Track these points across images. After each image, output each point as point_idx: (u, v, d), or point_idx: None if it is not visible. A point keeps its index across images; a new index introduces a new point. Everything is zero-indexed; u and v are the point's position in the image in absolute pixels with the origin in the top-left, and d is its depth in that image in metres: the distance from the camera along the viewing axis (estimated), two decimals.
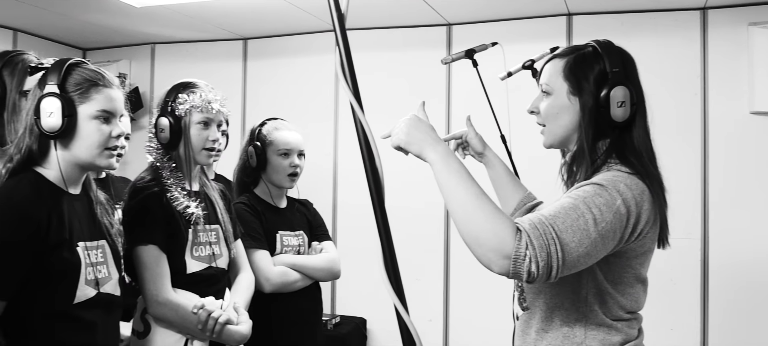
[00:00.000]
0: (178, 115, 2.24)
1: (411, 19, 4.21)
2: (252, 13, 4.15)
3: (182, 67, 4.88)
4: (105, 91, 1.81)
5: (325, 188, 4.47)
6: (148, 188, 2.18)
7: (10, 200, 1.72)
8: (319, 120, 4.47)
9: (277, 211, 2.75)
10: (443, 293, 4.20)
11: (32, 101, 1.79)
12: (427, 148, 1.55)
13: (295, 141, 2.71)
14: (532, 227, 1.36)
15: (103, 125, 1.80)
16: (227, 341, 2.20)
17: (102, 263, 1.85)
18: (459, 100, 4.23)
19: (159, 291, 2.11)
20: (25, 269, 1.68)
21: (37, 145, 1.79)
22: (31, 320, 1.71)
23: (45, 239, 1.70)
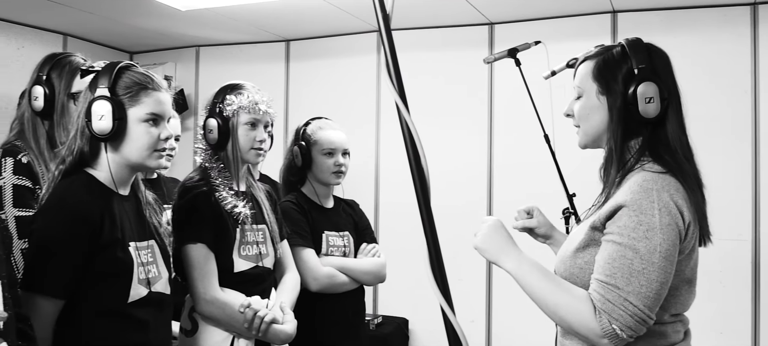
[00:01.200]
0: (225, 116, 2.27)
1: (452, 18, 4.20)
2: (294, 15, 4.18)
3: (226, 69, 4.94)
4: (154, 94, 1.85)
5: (367, 189, 4.48)
6: (197, 187, 2.22)
7: (63, 200, 1.77)
8: (361, 120, 4.49)
9: (324, 211, 2.77)
10: (486, 293, 4.17)
11: (83, 104, 1.83)
12: (502, 257, 1.69)
13: (339, 140, 2.73)
14: (603, 301, 1.48)
15: (151, 128, 1.84)
16: (272, 340, 2.22)
17: (152, 262, 1.89)
18: (501, 100, 4.20)
19: (207, 289, 2.14)
20: (80, 269, 1.72)
21: (88, 147, 1.83)
22: (86, 320, 1.76)
23: (98, 239, 1.75)
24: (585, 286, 1.55)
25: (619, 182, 1.60)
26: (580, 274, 1.58)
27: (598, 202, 1.68)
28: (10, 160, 2.19)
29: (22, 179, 2.19)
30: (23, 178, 2.19)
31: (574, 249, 1.62)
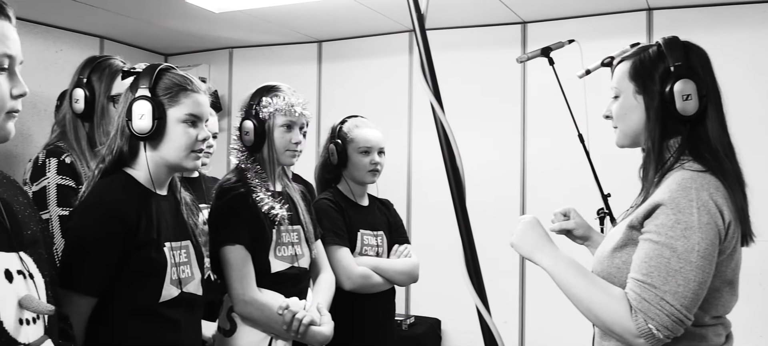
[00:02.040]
0: (262, 118, 2.29)
1: (484, 18, 4.18)
2: (326, 16, 4.20)
3: (259, 70, 4.98)
4: (193, 95, 1.88)
5: (400, 188, 4.48)
6: (234, 188, 2.24)
7: (102, 199, 1.81)
8: (393, 121, 4.48)
9: (360, 209, 2.78)
10: (519, 294, 4.14)
11: (124, 104, 1.86)
12: (538, 254, 1.68)
13: (375, 138, 2.73)
14: (639, 300, 1.45)
15: (190, 128, 1.87)
16: (310, 341, 2.23)
17: (186, 263, 1.91)
18: (534, 100, 4.16)
19: (245, 290, 2.16)
20: (115, 268, 1.75)
21: (127, 147, 1.86)
22: (118, 318, 1.78)
23: (134, 238, 1.77)
24: (622, 286, 1.53)
25: (659, 181, 1.58)
26: (618, 274, 1.57)
27: (636, 202, 1.67)
28: (54, 161, 2.24)
29: (65, 179, 2.23)
30: (67, 178, 2.23)
31: (611, 249, 1.60)
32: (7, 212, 1.34)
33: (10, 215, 1.34)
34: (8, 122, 1.32)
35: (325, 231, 2.58)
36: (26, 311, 1.29)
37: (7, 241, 1.30)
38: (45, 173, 2.22)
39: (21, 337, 1.27)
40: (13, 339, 1.25)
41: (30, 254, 1.36)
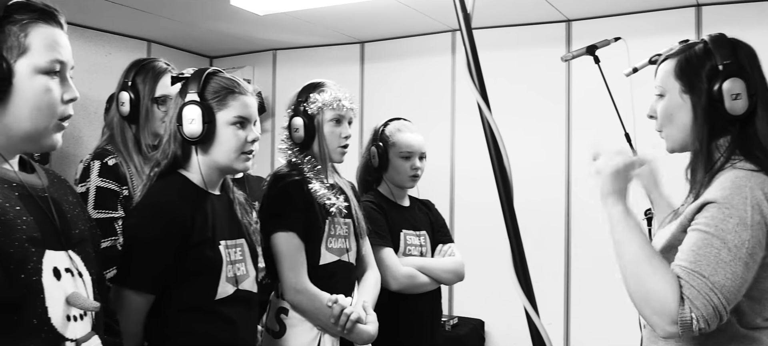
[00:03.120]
0: (310, 114, 2.31)
1: (528, 16, 4.14)
2: (369, 17, 4.21)
3: (302, 71, 5.01)
4: (241, 98, 1.91)
5: (443, 188, 4.47)
6: (289, 176, 2.26)
7: (157, 200, 1.85)
8: (436, 120, 4.48)
9: (401, 210, 2.78)
10: (564, 295, 4.10)
11: (175, 109, 1.90)
12: (612, 199, 1.57)
13: (417, 143, 2.73)
14: (688, 286, 1.39)
15: (239, 131, 1.90)
16: (356, 339, 2.24)
17: (241, 261, 1.94)
18: (579, 99, 4.11)
19: (297, 279, 2.17)
20: (171, 266, 1.79)
21: (180, 151, 1.91)
22: (175, 315, 1.82)
23: (189, 237, 1.81)
24: None
25: (709, 181, 1.54)
26: None
27: (685, 203, 1.63)
28: (98, 164, 2.29)
29: (106, 182, 2.28)
30: (108, 180, 2.28)
31: (659, 249, 1.57)
32: (57, 211, 1.38)
33: (60, 214, 1.38)
34: (57, 132, 1.36)
35: (369, 233, 2.58)
36: (73, 308, 1.33)
37: (57, 239, 1.34)
38: (89, 176, 2.28)
39: (68, 333, 1.31)
40: (60, 335, 1.29)
41: (78, 252, 1.40)
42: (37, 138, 1.34)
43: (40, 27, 1.31)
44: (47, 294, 1.27)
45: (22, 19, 1.29)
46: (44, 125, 1.32)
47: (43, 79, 1.31)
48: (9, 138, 1.31)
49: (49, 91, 1.31)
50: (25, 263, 1.24)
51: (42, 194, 1.38)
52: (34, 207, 1.32)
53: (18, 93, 1.28)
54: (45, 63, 1.30)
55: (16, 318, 1.22)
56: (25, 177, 1.36)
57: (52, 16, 1.34)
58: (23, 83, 1.29)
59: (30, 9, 1.31)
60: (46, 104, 1.31)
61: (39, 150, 1.38)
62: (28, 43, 1.29)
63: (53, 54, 1.31)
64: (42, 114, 1.31)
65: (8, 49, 1.27)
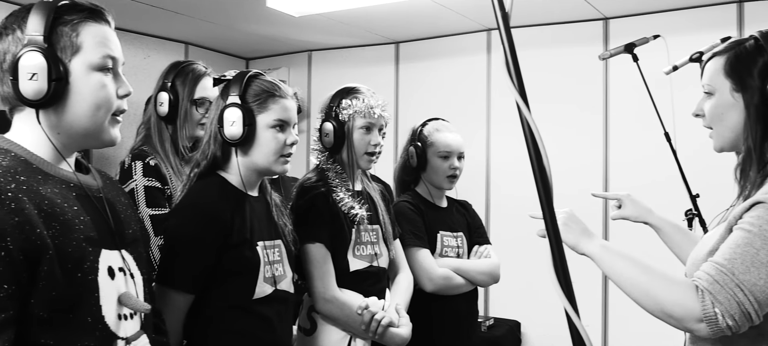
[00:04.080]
0: (341, 120, 2.31)
1: (564, 14, 4.10)
2: (404, 17, 4.21)
3: (337, 72, 5.04)
4: (281, 101, 1.93)
5: (479, 189, 4.45)
6: (315, 188, 2.27)
7: (197, 201, 1.88)
8: (471, 120, 4.46)
9: (439, 210, 2.77)
10: (602, 296, 4.05)
11: (216, 111, 1.92)
12: (583, 241, 1.67)
13: (455, 143, 2.72)
14: (711, 281, 1.37)
15: (278, 134, 1.92)
16: (388, 342, 2.24)
17: (278, 261, 1.96)
18: (617, 98, 4.06)
19: (326, 288, 2.19)
20: (211, 266, 1.81)
21: (220, 152, 1.93)
22: (214, 314, 1.84)
23: (229, 237, 1.83)
24: None
25: (761, 182, 1.50)
26: None
27: (733, 204, 1.59)
28: (140, 164, 2.33)
29: (151, 180, 2.31)
30: (152, 179, 2.32)
31: (707, 252, 1.53)
32: (112, 211, 1.41)
33: (114, 215, 1.42)
34: (114, 127, 1.40)
35: (405, 233, 2.58)
36: (125, 307, 1.35)
37: (111, 239, 1.38)
38: (132, 176, 2.31)
39: (120, 331, 1.34)
40: (113, 333, 1.32)
41: (131, 252, 1.44)
42: (96, 134, 1.37)
43: (90, 25, 1.34)
44: (102, 293, 1.30)
45: (73, 19, 1.33)
46: (102, 121, 1.36)
47: (97, 76, 1.34)
48: (69, 136, 1.35)
49: (104, 87, 1.35)
50: (83, 262, 1.27)
51: (97, 194, 1.41)
52: (91, 207, 1.36)
53: (75, 91, 1.32)
54: (98, 59, 1.34)
55: (71, 316, 1.25)
56: (82, 178, 1.40)
57: (101, 14, 1.38)
58: (79, 81, 1.32)
59: (79, 9, 1.35)
60: (102, 100, 1.35)
61: (99, 146, 1.41)
62: (80, 42, 1.32)
63: (105, 50, 1.35)
64: (99, 110, 1.35)
65: (62, 50, 1.31)
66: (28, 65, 1.27)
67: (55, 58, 1.29)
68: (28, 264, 1.18)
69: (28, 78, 1.27)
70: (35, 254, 1.19)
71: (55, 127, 1.33)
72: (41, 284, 1.20)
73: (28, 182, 1.25)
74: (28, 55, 1.27)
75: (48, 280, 1.20)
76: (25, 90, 1.27)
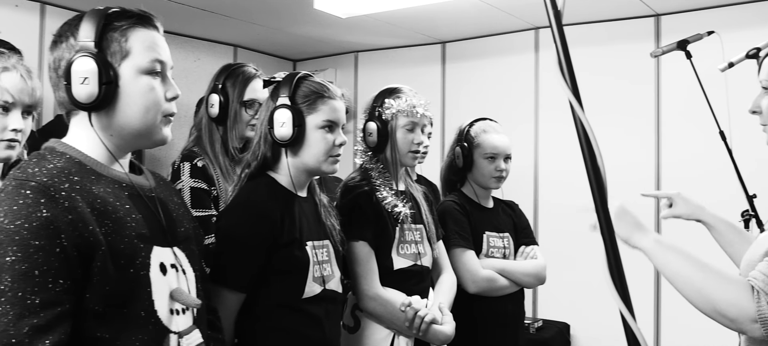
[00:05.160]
0: (384, 119, 2.32)
1: (615, 11, 4.03)
2: (450, 17, 4.20)
3: (383, 73, 5.04)
4: (330, 102, 1.94)
5: (526, 189, 4.41)
6: (358, 187, 2.28)
7: (248, 201, 1.91)
8: (519, 120, 4.42)
9: (485, 211, 2.75)
10: (654, 298, 3.96)
11: (266, 112, 1.95)
12: (635, 235, 1.60)
13: (502, 145, 2.70)
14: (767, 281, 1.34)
15: (327, 134, 1.93)
16: (432, 340, 2.24)
17: (326, 261, 1.97)
18: (670, 96, 3.97)
19: (370, 286, 2.20)
20: (261, 265, 1.84)
21: (270, 153, 1.95)
22: (264, 313, 1.87)
23: (279, 237, 1.85)
24: None
25: None
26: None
27: None
28: (188, 165, 2.36)
29: (198, 182, 2.35)
30: (199, 180, 2.35)
31: (763, 252, 1.49)
32: (164, 210, 1.46)
33: (166, 213, 1.46)
34: (165, 126, 1.43)
35: (451, 233, 2.57)
36: (177, 303, 1.39)
37: (163, 236, 1.42)
38: (180, 177, 2.35)
39: (172, 326, 1.38)
40: (165, 327, 1.36)
41: (183, 249, 1.48)
42: (148, 134, 1.41)
43: (139, 30, 1.39)
44: (154, 288, 1.34)
45: (122, 24, 1.37)
46: (152, 122, 1.40)
47: (146, 79, 1.38)
48: (122, 137, 1.39)
49: (153, 90, 1.39)
50: (134, 259, 1.31)
51: (149, 193, 1.45)
52: (143, 206, 1.40)
53: (125, 94, 1.36)
54: (146, 63, 1.38)
55: (125, 311, 1.29)
56: (135, 178, 1.44)
57: (149, 20, 1.42)
58: (129, 85, 1.36)
59: (127, 15, 1.39)
60: (151, 103, 1.38)
61: (151, 145, 1.45)
62: (129, 47, 1.36)
63: (153, 54, 1.39)
64: (148, 112, 1.39)
65: (112, 55, 1.35)
66: (80, 70, 1.31)
67: (106, 62, 1.34)
68: (82, 260, 1.23)
69: (81, 82, 1.31)
70: (89, 250, 1.24)
71: (107, 129, 1.38)
72: (95, 280, 1.25)
73: (82, 182, 1.30)
74: (80, 60, 1.32)
75: (101, 275, 1.25)
76: (77, 94, 1.32)
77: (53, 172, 1.27)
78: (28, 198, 1.20)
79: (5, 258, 1.16)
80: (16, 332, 1.14)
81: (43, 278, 1.18)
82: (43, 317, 1.16)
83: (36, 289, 1.17)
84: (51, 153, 1.34)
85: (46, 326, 1.17)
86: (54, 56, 1.37)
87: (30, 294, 1.16)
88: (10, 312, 1.15)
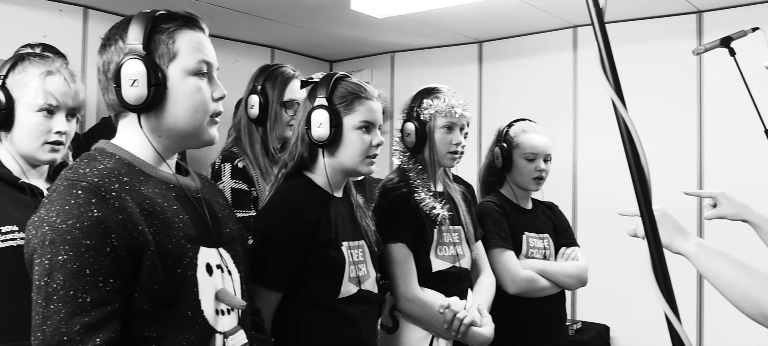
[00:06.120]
0: (422, 120, 2.32)
1: (655, 8, 3.96)
2: (487, 16, 4.17)
3: (420, 73, 5.03)
4: (367, 103, 1.95)
5: (565, 190, 4.36)
6: (397, 188, 2.28)
7: (286, 200, 1.92)
8: (557, 119, 4.37)
9: (524, 212, 2.73)
10: (696, 298, 3.89)
11: (303, 113, 1.96)
12: (677, 241, 1.57)
13: (542, 145, 2.67)
14: None
15: (364, 135, 1.94)
16: (471, 342, 2.23)
17: (362, 261, 1.98)
18: (712, 94, 3.89)
19: (408, 288, 2.19)
20: (297, 264, 1.84)
21: (307, 153, 1.96)
22: (300, 313, 1.88)
23: (315, 237, 1.86)
24: None
25: None
26: None
27: None
28: (229, 166, 2.38)
29: (239, 183, 2.37)
30: (240, 181, 2.37)
31: None
32: (209, 211, 1.48)
33: (211, 214, 1.48)
34: (212, 127, 1.45)
35: (490, 234, 2.56)
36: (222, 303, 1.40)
37: (209, 237, 1.43)
38: (220, 178, 2.37)
39: (218, 326, 1.39)
40: (211, 327, 1.37)
41: (228, 250, 1.49)
42: (195, 135, 1.43)
43: (185, 32, 1.41)
44: (201, 288, 1.36)
45: (169, 27, 1.39)
46: (200, 122, 1.42)
47: (193, 80, 1.40)
48: (170, 138, 1.42)
49: (200, 91, 1.41)
50: (182, 259, 1.34)
51: (196, 195, 1.48)
52: (189, 207, 1.42)
53: (173, 96, 1.38)
54: (193, 64, 1.40)
55: (172, 311, 1.31)
56: (181, 179, 1.47)
57: (195, 21, 1.44)
58: (176, 86, 1.38)
59: (174, 18, 1.41)
60: (198, 103, 1.40)
61: (198, 146, 1.47)
62: (176, 49, 1.38)
63: (200, 55, 1.41)
64: (196, 113, 1.41)
65: (160, 57, 1.37)
66: (130, 72, 1.33)
67: (154, 64, 1.36)
68: (131, 260, 1.25)
69: (130, 84, 1.33)
70: (138, 250, 1.26)
71: (155, 130, 1.40)
72: (144, 279, 1.27)
73: (131, 183, 1.32)
74: (129, 63, 1.34)
75: (150, 275, 1.27)
76: (127, 96, 1.34)
77: (104, 172, 1.30)
78: (80, 198, 1.23)
79: (58, 257, 1.19)
80: (68, 329, 1.17)
81: (94, 277, 1.20)
82: (94, 316, 1.19)
83: (87, 288, 1.20)
84: (101, 154, 1.37)
85: (97, 324, 1.19)
86: (103, 59, 1.40)
87: (81, 293, 1.19)
88: (62, 310, 1.18)
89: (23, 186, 1.84)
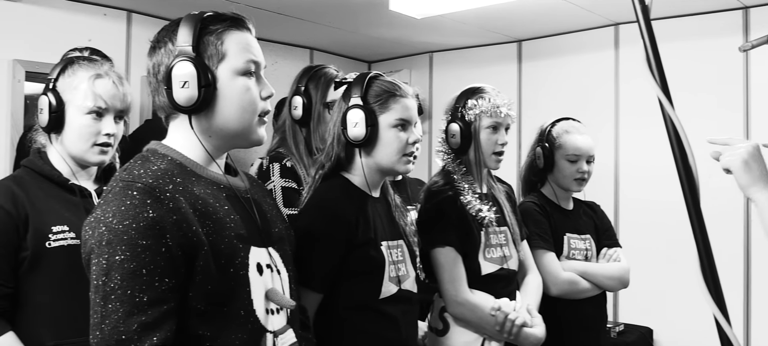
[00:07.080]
0: (467, 120, 2.29)
1: (701, 5, 3.88)
2: (527, 15, 4.13)
3: (458, 73, 5.01)
4: (402, 100, 1.94)
5: (607, 189, 4.29)
6: (442, 191, 2.26)
7: (324, 201, 1.92)
8: (598, 118, 4.30)
9: (564, 212, 2.70)
10: (743, 299, 3.79)
11: (338, 113, 1.96)
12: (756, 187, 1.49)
13: (585, 146, 2.63)
14: None
15: (400, 133, 1.93)
16: (523, 343, 2.21)
17: (401, 261, 1.97)
18: (759, 92, 3.79)
19: (457, 292, 2.18)
20: (337, 265, 1.85)
21: (344, 153, 1.96)
22: (341, 314, 1.87)
23: (354, 237, 1.86)
24: None
25: None
26: None
27: None
28: (277, 166, 2.40)
29: (288, 182, 2.38)
30: (289, 180, 2.39)
31: None
32: (259, 211, 1.49)
33: (261, 214, 1.49)
34: (260, 126, 1.46)
35: (531, 235, 2.53)
36: (272, 302, 1.42)
37: (259, 237, 1.45)
38: (269, 177, 2.39)
39: (269, 325, 1.41)
40: (263, 326, 1.39)
41: (277, 249, 1.51)
42: (245, 135, 1.44)
43: (233, 33, 1.42)
44: (252, 287, 1.37)
45: (217, 28, 1.41)
46: (249, 122, 1.43)
47: (242, 80, 1.41)
48: (220, 138, 1.43)
49: (249, 90, 1.42)
50: (234, 258, 1.35)
51: (245, 195, 1.49)
52: (240, 207, 1.44)
53: (222, 96, 1.39)
54: (242, 64, 1.41)
55: (225, 310, 1.33)
56: (231, 179, 1.48)
57: (242, 22, 1.45)
58: (226, 86, 1.39)
59: (222, 19, 1.42)
60: (247, 102, 1.41)
61: (247, 145, 1.48)
62: (225, 50, 1.40)
63: (248, 55, 1.42)
64: (245, 112, 1.42)
65: (209, 58, 1.39)
66: (180, 74, 1.35)
67: (204, 65, 1.37)
68: (185, 259, 1.27)
69: (180, 86, 1.35)
70: (192, 250, 1.28)
71: (206, 131, 1.41)
72: (198, 279, 1.29)
73: (184, 183, 1.34)
74: (179, 64, 1.36)
75: (204, 274, 1.29)
76: (178, 97, 1.36)
77: (158, 173, 1.32)
78: (135, 199, 1.25)
79: (115, 257, 1.22)
80: (126, 328, 1.19)
81: (151, 277, 1.22)
82: (151, 315, 1.21)
83: (144, 287, 1.22)
84: (153, 155, 1.39)
85: (154, 323, 1.21)
86: (153, 62, 1.42)
87: (138, 292, 1.21)
88: (120, 309, 1.20)
89: (73, 187, 1.89)
